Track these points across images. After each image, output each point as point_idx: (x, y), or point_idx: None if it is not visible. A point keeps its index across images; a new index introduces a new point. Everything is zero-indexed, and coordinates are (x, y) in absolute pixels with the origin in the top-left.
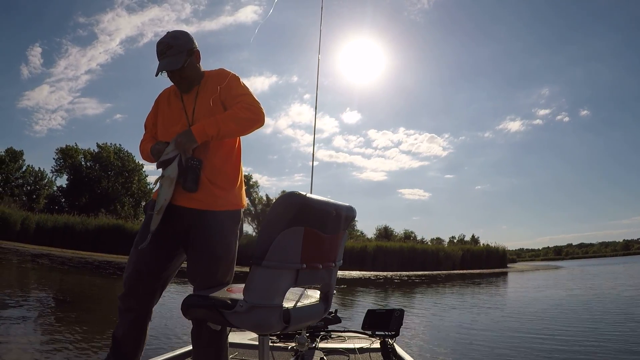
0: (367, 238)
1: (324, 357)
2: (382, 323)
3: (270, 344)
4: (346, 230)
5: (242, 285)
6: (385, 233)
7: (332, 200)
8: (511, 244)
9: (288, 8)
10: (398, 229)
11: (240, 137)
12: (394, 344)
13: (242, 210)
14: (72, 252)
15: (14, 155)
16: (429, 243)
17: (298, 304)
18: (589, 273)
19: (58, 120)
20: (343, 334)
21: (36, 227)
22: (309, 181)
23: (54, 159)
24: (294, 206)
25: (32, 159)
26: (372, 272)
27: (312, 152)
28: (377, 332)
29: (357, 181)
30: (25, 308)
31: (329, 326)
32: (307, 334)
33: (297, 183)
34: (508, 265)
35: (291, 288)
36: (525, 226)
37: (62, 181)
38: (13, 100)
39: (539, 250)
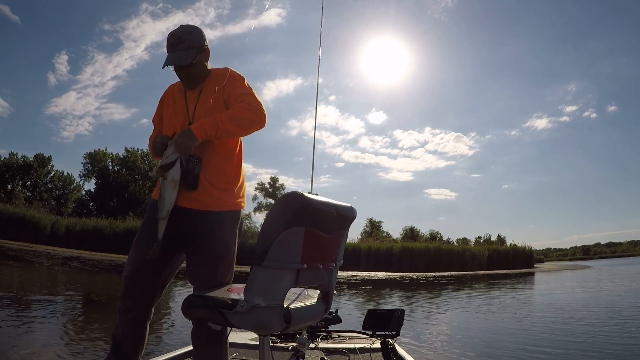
0: (394, 239)
1: (325, 357)
2: (383, 323)
3: (271, 344)
4: (347, 231)
5: (242, 285)
6: (411, 234)
7: (332, 200)
8: (538, 244)
9: (312, 9)
10: (424, 229)
11: (242, 138)
12: (395, 344)
13: (242, 210)
14: (102, 254)
15: (43, 161)
16: (455, 243)
17: (299, 304)
18: (617, 273)
19: (85, 126)
20: (343, 334)
21: (65, 231)
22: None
23: (82, 163)
24: (294, 206)
25: (60, 164)
26: (398, 273)
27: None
28: (377, 332)
29: (384, 182)
30: (61, 305)
31: (329, 326)
32: (308, 334)
33: (323, 184)
34: (535, 265)
35: (291, 288)
36: (553, 225)
37: (90, 185)
38: (41, 107)
39: (566, 249)
